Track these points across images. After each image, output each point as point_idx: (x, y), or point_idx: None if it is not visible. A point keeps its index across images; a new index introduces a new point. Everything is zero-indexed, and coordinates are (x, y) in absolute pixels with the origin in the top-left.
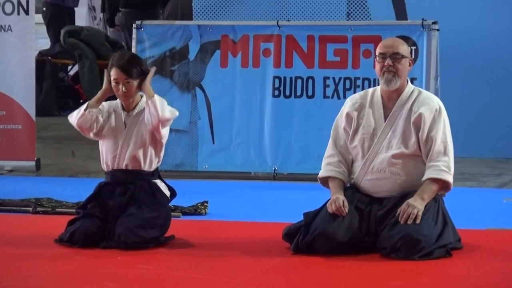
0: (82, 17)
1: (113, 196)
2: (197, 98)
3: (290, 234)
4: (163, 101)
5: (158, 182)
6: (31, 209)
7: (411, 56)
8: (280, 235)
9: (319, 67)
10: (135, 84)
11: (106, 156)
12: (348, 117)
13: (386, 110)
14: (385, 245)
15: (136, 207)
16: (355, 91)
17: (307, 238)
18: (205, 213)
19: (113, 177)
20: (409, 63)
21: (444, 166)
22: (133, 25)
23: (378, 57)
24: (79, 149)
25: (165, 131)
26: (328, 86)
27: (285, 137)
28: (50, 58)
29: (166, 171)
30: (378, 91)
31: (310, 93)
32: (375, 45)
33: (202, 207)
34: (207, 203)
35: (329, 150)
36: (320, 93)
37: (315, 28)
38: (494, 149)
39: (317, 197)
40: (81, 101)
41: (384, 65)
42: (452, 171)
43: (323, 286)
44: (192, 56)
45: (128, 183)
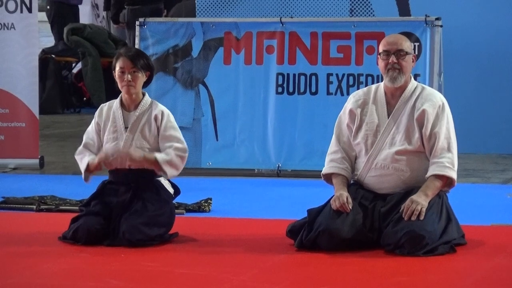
0: (85, 14)
1: (116, 194)
2: (201, 95)
3: (294, 231)
4: (169, 163)
5: (162, 179)
6: (35, 206)
7: (414, 52)
8: (284, 232)
9: (322, 63)
10: (140, 76)
11: None
12: (351, 113)
13: (390, 107)
14: (389, 241)
15: (140, 204)
16: (358, 88)
17: (311, 235)
18: (209, 210)
19: (116, 176)
20: (412, 59)
21: (447, 163)
22: (136, 22)
23: (382, 54)
24: None
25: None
26: (332, 82)
27: (288, 134)
28: (54, 56)
29: None
30: (381, 88)
31: (313, 89)
32: (378, 42)
33: (206, 204)
34: (210, 200)
35: (332, 147)
36: (323, 89)
37: (318, 25)
38: (498, 145)
39: (321, 193)
40: (84, 99)
41: (389, 62)
42: (455, 167)
43: (327, 283)
44: (195, 53)
45: (132, 181)
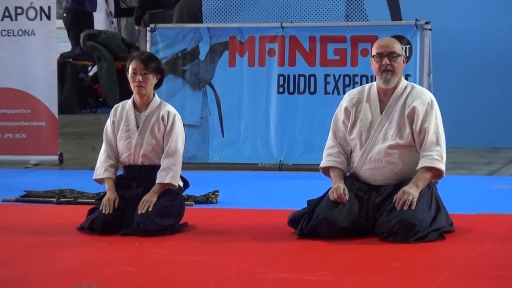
0: (100, 21)
1: (130, 188)
2: (208, 96)
3: (295, 220)
4: (175, 179)
5: None
6: (55, 199)
7: (405, 54)
8: (286, 221)
9: (320, 65)
10: (150, 78)
11: (121, 154)
12: (347, 111)
13: (382, 104)
14: (383, 229)
15: None
16: (354, 87)
17: (310, 224)
18: (216, 201)
19: (129, 172)
20: (403, 60)
21: (436, 155)
22: (147, 28)
23: (375, 56)
24: (98, 144)
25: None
26: (329, 83)
27: (289, 130)
28: (71, 60)
29: None
30: (374, 87)
31: (312, 89)
32: (372, 44)
33: (213, 196)
34: (217, 192)
35: (329, 142)
36: (321, 89)
37: (316, 29)
38: (483, 139)
39: (319, 186)
40: (100, 99)
41: (382, 64)
42: (444, 159)
43: (326, 268)
44: (202, 56)
45: (144, 176)
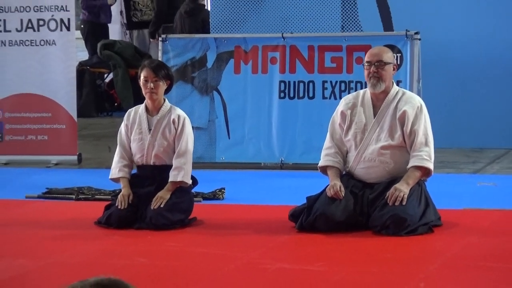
0: (115, 32)
1: (143, 186)
2: (215, 100)
3: (295, 215)
4: (187, 177)
5: None
6: (74, 196)
7: (396, 62)
8: (287, 216)
9: (318, 72)
10: (161, 84)
11: (135, 155)
12: (343, 114)
13: (375, 108)
14: (376, 223)
15: None
16: (349, 93)
17: (309, 219)
18: (223, 198)
19: (142, 171)
20: (393, 68)
21: (425, 155)
22: (159, 38)
23: (365, 64)
24: (114, 145)
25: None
26: (326, 88)
27: (290, 132)
28: (89, 68)
29: None
30: (368, 92)
31: (311, 94)
32: (366, 53)
33: (220, 193)
34: (224, 189)
35: (327, 143)
36: (319, 94)
37: (314, 39)
38: (469, 140)
39: (318, 183)
40: (115, 104)
41: (370, 71)
42: (432, 159)
43: (324, 259)
44: (210, 64)
45: (157, 175)
